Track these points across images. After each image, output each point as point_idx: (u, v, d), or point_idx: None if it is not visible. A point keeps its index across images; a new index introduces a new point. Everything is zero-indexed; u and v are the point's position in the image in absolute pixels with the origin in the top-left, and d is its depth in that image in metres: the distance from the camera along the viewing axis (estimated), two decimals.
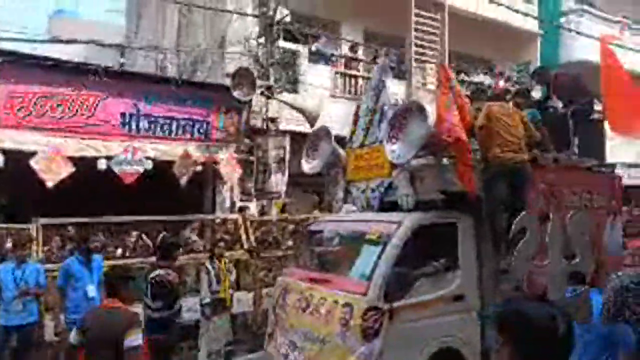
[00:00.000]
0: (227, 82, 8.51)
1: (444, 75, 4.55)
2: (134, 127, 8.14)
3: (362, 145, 5.05)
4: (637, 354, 3.00)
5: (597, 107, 6.17)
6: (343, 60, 10.97)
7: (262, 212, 8.73)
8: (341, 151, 5.40)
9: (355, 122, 5.26)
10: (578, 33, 14.53)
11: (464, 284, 4.19)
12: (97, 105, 7.84)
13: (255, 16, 9.30)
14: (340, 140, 5.65)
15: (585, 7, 16.03)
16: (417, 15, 11.58)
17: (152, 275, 4.77)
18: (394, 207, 4.59)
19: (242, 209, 8.42)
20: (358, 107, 5.36)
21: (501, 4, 13.14)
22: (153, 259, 5.60)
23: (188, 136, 8.66)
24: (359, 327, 3.69)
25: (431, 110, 4.55)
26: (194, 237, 7.34)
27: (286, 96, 9.06)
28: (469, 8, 12.71)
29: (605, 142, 5.47)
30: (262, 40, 9.15)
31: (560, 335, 1.35)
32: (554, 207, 4.40)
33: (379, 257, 3.92)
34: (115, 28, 17.39)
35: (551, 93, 5.63)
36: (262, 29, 9.07)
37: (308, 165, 5.60)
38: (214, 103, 8.85)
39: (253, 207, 8.79)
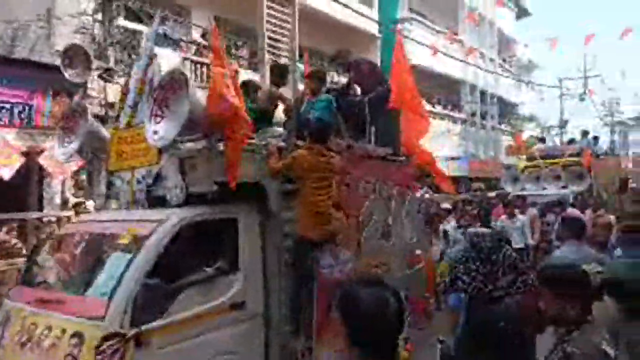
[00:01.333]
0: (57, 61, 7.49)
1: (215, 46, 3.74)
2: None
3: (128, 126, 4.11)
4: (464, 315, 3.50)
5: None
6: (193, 47, 10.51)
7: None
8: (106, 133, 4.37)
9: (123, 98, 4.31)
10: (410, 39, 16.27)
11: (245, 288, 3.55)
12: None
13: None
14: None
15: (417, 16, 18.02)
16: (268, 7, 11.64)
17: None
18: (165, 202, 3.77)
19: (77, 205, 7.51)
20: (128, 79, 4.40)
21: (346, 5, 14.00)
22: None
23: (5, 121, 7.41)
24: None
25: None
26: (13, 240, 6.32)
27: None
28: (317, 6, 13.24)
29: (400, 132, 5.08)
30: (98, 16, 8.23)
31: (390, 315, 1.41)
32: (348, 196, 4.14)
33: (128, 266, 3.07)
34: None
35: (350, 79, 5.32)
36: (99, 5, 8.16)
37: (60, 151, 4.36)
38: (39, 84, 7.70)
39: (91, 204, 7.92)
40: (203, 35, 10.82)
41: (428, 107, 18.81)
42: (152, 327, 3.01)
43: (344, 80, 5.63)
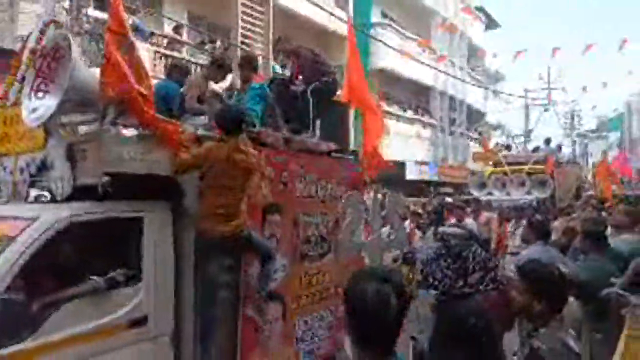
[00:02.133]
0: (19, 47, 7.15)
1: (116, 6, 2.92)
2: None
3: (15, 104, 3.40)
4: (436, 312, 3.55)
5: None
6: (165, 41, 10.30)
7: None
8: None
9: (14, 72, 3.62)
10: (382, 42, 16.46)
11: (148, 301, 2.96)
12: None
13: None
14: None
15: (388, 21, 18.26)
16: (243, 4, 11.55)
17: None
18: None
19: None
20: (23, 48, 3.72)
21: (321, 7, 14.03)
22: None
23: None
24: None
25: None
26: None
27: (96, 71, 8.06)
28: (293, 7, 13.22)
29: (349, 127, 4.80)
30: (66, 4, 7.95)
31: (391, 308, 1.43)
32: (285, 196, 3.74)
33: None
34: None
35: (292, 68, 4.84)
36: None
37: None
38: (0, 71, 7.35)
39: None
40: (175, 29, 10.61)
41: (399, 111, 19.10)
42: (15, 352, 2.40)
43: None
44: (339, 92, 5.02)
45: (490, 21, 27.43)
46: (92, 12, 8.53)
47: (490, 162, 12.66)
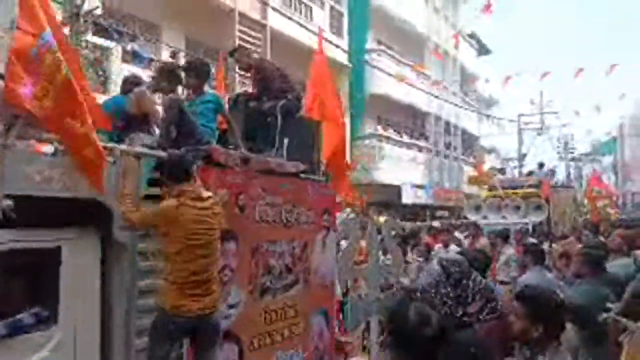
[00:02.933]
0: None
1: (26, 11, 2.36)
2: None
3: None
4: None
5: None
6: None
7: None
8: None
9: None
10: (376, 67, 16.74)
11: (66, 349, 2.49)
12: None
13: (58, 2, 8.17)
14: None
15: (384, 48, 18.59)
16: (240, 31, 11.76)
17: None
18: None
19: None
20: None
21: (315, 33, 14.28)
22: None
23: None
24: None
25: None
26: None
27: (95, 96, 8.12)
28: (289, 33, 13.45)
29: (321, 146, 4.37)
30: (66, 31, 8.06)
31: (429, 334, 1.48)
32: (242, 221, 3.32)
33: None
34: None
35: (255, 82, 4.45)
36: (67, 18, 8.02)
37: None
38: None
39: None
40: (172, 55, 10.76)
41: (396, 136, 19.26)
42: None
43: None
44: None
45: (481, 47, 27.97)
46: (92, 39, 8.66)
47: (485, 186, 12.65)
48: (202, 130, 3.50)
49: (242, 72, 4.64)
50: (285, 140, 4.05)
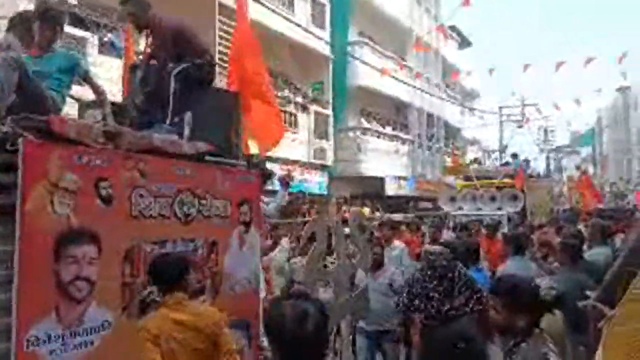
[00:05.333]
0: None
1: None
2: None
3: None
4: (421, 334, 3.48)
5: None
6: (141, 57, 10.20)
7: None
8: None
9: None
10: (359, 60, 16.71)
11: None
12: None
13: None
14: None
15: (366, 40, 18.55)
16: (220, 21, 11.59)
17: None
18: None
19: None
20: None
21: (299, 25, 14.18)
22: None
23: None
24: None
25: None
26: None
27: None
28: (271, 25, 13.31)
29: (239, 125, 3.67)
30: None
31: (309, 331, 1.38)
32: (108, 217, 2.57)
33: None
34: None
35: (149, 41, 3.70)
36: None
37: None
38: None
39: None
40: None
41: (378, 127, 19.29)
42: None
43: None
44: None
45: (462, 40, 28.14)
46: (68, 29, 8.43)
47: (461, 176, 12.43)
48: (52, 96, 2.87)
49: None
50: (188, 115, 3.30)
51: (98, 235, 2.49)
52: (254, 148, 4.14)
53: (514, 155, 14.50)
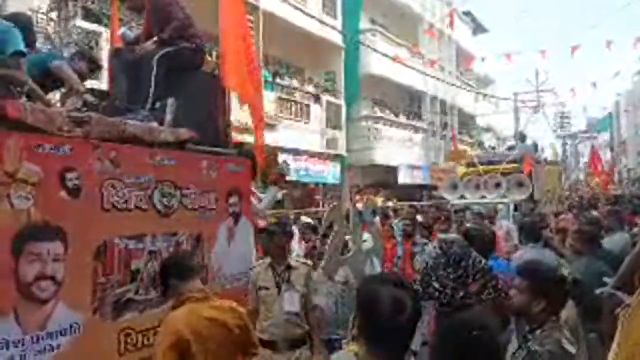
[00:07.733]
0: None
1: None
2: None
3: None
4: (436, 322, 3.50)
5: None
6: None
7: None
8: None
9: None
10: (372, 49, 16.55)
11: None
12: None
13: None
14: None
15: (378, 27, 18.37)
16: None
17: None
18: None
19: None
20: None
21: (310, 15, 14.09)
22: None
23: None
24: None
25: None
26: None
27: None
28: (283, 15, 13.25)
29: (228, 109, 3.51)
30: (54, 15, 7.93)
31: (406, 315, 1.43)
32: (76, 210, 2.37)
33: None
34: None
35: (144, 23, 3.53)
36: (55, 3, 7.88)
37: None
38: None
39: None
40: None
41: (391, 116, 19.17)
42: None
43: None
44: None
45: (477, 26, 27.68)
46: (80, 23, 8.52)
47: (463, 162, 11.47)
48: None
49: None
50: (171, 101, 3.10)
51: (64, 230, 2.30)
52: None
53: (522, 138, 13.21)
